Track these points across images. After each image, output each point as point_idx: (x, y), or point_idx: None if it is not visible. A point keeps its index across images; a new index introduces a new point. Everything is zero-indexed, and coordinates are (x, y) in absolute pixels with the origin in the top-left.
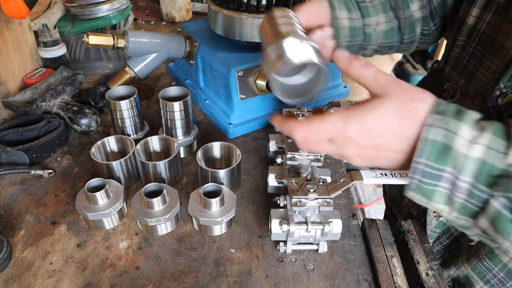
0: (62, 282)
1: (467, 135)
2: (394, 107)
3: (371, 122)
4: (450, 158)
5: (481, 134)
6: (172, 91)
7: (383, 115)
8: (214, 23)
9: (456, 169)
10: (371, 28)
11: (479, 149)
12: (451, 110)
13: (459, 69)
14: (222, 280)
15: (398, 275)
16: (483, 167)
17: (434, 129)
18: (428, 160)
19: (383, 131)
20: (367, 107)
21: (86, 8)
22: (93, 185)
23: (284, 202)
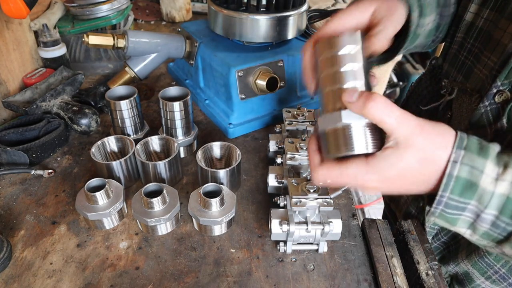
0: (62, 282)
1: (492, 173)
2: (417, 159)
3: (393, 173)
4: (476, 194)
5: (505, 170)
6: (172, 91)
7: (405, 168)
8: (214, 23)
9: (481, 203)
10: (422, 29)
11: (504, 186)
12: (474, 146)
13: (457, 65)
14: (222, 280)
15: (398, 275)
16: (508, 203)
17: (458, 165)
18: (452, 195)
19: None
20: (388, 159)
21: (86, 8)
22: (93, 185)
23: (284, 202)
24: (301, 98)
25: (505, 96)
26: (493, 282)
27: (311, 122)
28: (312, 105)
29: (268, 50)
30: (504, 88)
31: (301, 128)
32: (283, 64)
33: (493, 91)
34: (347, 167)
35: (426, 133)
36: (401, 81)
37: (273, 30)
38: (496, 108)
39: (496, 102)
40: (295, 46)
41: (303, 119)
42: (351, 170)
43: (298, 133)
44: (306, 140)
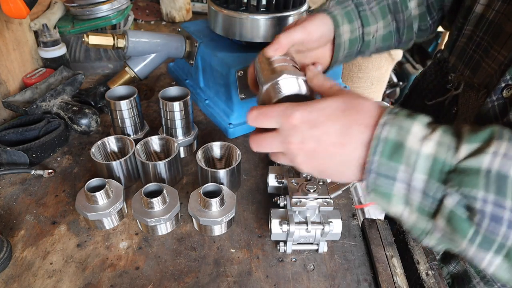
0: (62, 282)
1: (419, 133)
2: (340, 101)
3: (316, 111)
4: (403, 156)
5: (432, 132)
6: (172, 91)
7: (328, 106)
8: (214, 23)
9: (410, 166)
10: (370, 36)
11: (430, 145)
12: (403, 112)
13: (465, 59)
14: (222, 280)
15: (398, 275)
16: (435, 164)
17: (387, 127)
18: (381, 158)
19: (325, 121)
20: (315, 102)
21: (86, 8)
22: (93, 185)
23: (284, 202)
24: None
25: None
26: (487, 282)
27: None
28: None
29: None
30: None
31: None
32: None
33: (501, 85)
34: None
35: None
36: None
37: (273, 30)
38: (503, 103)
39: (504, 97)
40: None
41: None
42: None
43: None
44: None
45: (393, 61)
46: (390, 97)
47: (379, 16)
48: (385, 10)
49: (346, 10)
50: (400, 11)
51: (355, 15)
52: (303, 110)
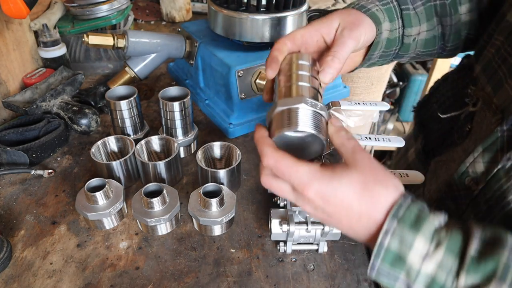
0: (62, 282)
1: (422, 249)
2: (357, 183)
3: (332, 191)
4: (404, 268)
5: (435, 249)
6: (172, 91)
7: (345, 188)
8: (214, 23)
9: (409, 277)
10: (410, 39)
11: (430, 266)
12: (410, 218)
13: (489, 73)
14: (222, 280)
15: None
16: (434, 284)
17: (389, 236)
18: (383, 263)
19: (339, 204)
20: (334, 173)
21: (86, 8)
22: (93, 185)
23: (284, 202)
24: None
25: None
26: None
27: None
28: None
29: (268, 50)
30: None
31: None
32: None
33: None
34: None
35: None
36: (401, 81)
37: (273, 30)
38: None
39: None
40: None
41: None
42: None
43: None
44: None
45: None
46: (390, 97)
47: (424, 18)
48: (431, 12)
49: (387, 7)
50: (448, 14)
51: (396, 13)
52: (320, 184)
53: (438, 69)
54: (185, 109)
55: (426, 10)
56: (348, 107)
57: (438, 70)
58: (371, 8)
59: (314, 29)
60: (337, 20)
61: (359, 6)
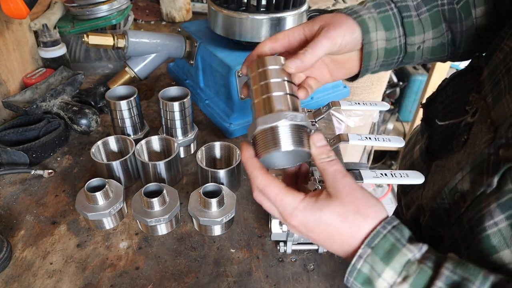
0: (62, 282)
1: (390, 279)
2: (338, 215)
3: (314, 221)
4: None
5: (402, 282)
6: (172, 91)
7: (326, 220)
8: (214, 23)
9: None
10: (414, 47)
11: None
12: (383, 248)
13: (494, 81)
14: (222, 280)
15: None
16: None
17: (361, 261)
18: (355, 282)
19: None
20: (316, 204)
21: (86, 8)
22: (93, 185)
23: None
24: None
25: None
26: None
27: (311, 122)
28: (312, 105)
29: None
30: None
31: None
32: None
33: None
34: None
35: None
36: (401, 81)
37: (273, 30)
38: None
39: (500, 155)
40: None
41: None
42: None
43: None
44: None
45: None
46: (390, 97)
47: (429, 25)
48: (438, 18)
49: (385, 14)
50: (457, 20)
51: (396, 21)
52: (303, 216)
53: (438, 69)
54: (185, 109)
55: (432, 16)
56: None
57: (438, 70)
58: (363, 15)
59: (297, 29)
60: (320, 21)
61: (351, 11)
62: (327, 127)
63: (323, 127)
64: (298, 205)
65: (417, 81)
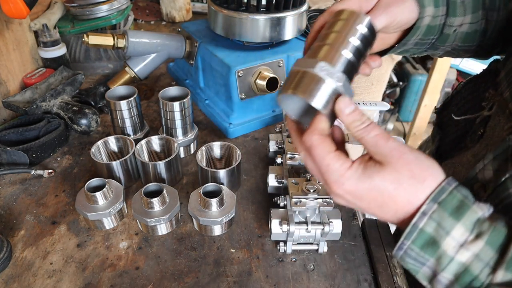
0: (62, 282)
1: (460, 237)
2: (391, 182)
3: (364, 190)
4: (436, 253)
5: (475, 240)
6: (172, 91)
7: (378, 188)
8: (214, 23)
9: (439, 265)
10: (451, 29)
11: (466, 255)
12: (451, 204)
13: (510, 79)
14: (222, 280)
15: (398, 275)
16: (465, 274)
17: (426, 219)
18: (413, 245)
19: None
20: (365, 172)
21: (86, 8)
22: (93, 185)
23: (284, 202)
24: None
25: None
26: None
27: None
28: None
29: (268, 50)
30: None
31: None
32: (283, 64)
33: None
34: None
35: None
36: (401, 81)
37: (273, 30)
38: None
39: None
40: (295, 46)
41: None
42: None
43: None
44: None
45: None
46: (390, 97)
47: (470, 9)
48: (478, 3)
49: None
50: (496, 8)
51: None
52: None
53: (438, 69)
54: (185, 109)
55: (474, 1)
56: None
57: (438, 70)
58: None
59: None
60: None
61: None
62: None
63: None
64: (345, 173)
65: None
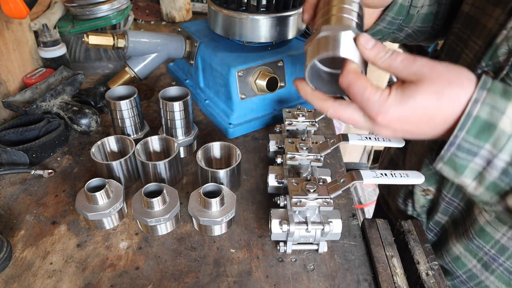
0: (62, 282)
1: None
2: (432, 94)
3: (409, 111)
4: (492, 136)
5: None
6: (172, 91)
7: (421, 104)
8: (214, 23)
9: (496, 147)
10: (415, 10)
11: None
12: (498, 88)
13: (450, 53)
14: (222, 280)
15: (398, 275)
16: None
17: (479, 105)
18: (467, 135)
19: (420, 120)
20: (404, 93)
21: (86, 8)
22: (93, 185)
23: (284, 202)
24: (301, 98)
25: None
26: (484, 264)
27: (311, 122)
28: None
29: (268, 50)
30: (488, 69)
31: (301, 128)
32: (283, 64)
33: (477, 71)
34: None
35: (438, 69)
36: None
37: (273, 30)
38: None
39: None
40: (295, 46)
41: (303, 119)
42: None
43: (298, 133)
44: (306, 140)
45: None
46: None
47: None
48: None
49: None
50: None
51: None
52: (395, 110)
53: None
54: (185, 109)
55: None
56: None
57: None
58: None
59: None
60: None
61: None
62: (327, 127)
63: (323, 127)
64: (386, 101)
65: None
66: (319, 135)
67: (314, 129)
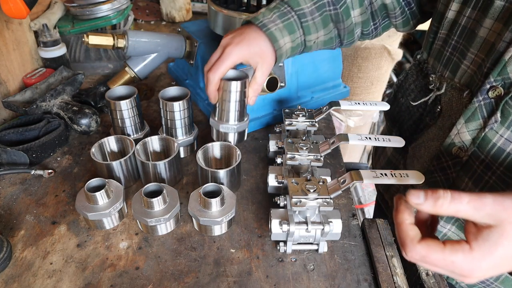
0: (62, 282)
1: None
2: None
3: (500, 257)
4: None
5: None
6: (172, 91)
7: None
8: (214, 23)
9: None
10: (311, 42)
11: None
12: None
13: (443, 61)
14: (222, 280)
15: (398, 275)
16: None
17: None
18: None
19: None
20: (487, 244)
21: (86, 8)
22: (93, 185)
23: (284, 202)
24: (301, 98)
25: (498, 91)
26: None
27: (311, 122)
28: (312, 105)
29: None
30: (497, 84)
31: (301, 128)
32: (283, 64)
33: (486, 86)
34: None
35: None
36: None
37: None
38: (489, 103)
39: (490, 97)
40: None
41: (303, 119)
42: (457, 258)
43: (298, 133)
44: (306, 140)
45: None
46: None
47: (321, 26)
48: (327, 20)
49: (288, 22)
50: (341, 21)
51: (297, 26)
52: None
53: None
54: (185, 109)
55: (323, 19)
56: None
57: None
58: (271, 27)
59: None
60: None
61: (262, 24)
62: (327, 127)
63: (323, 127)
64: (474, 257)
65: None
66: (319, 135)
67: (314, 129)
